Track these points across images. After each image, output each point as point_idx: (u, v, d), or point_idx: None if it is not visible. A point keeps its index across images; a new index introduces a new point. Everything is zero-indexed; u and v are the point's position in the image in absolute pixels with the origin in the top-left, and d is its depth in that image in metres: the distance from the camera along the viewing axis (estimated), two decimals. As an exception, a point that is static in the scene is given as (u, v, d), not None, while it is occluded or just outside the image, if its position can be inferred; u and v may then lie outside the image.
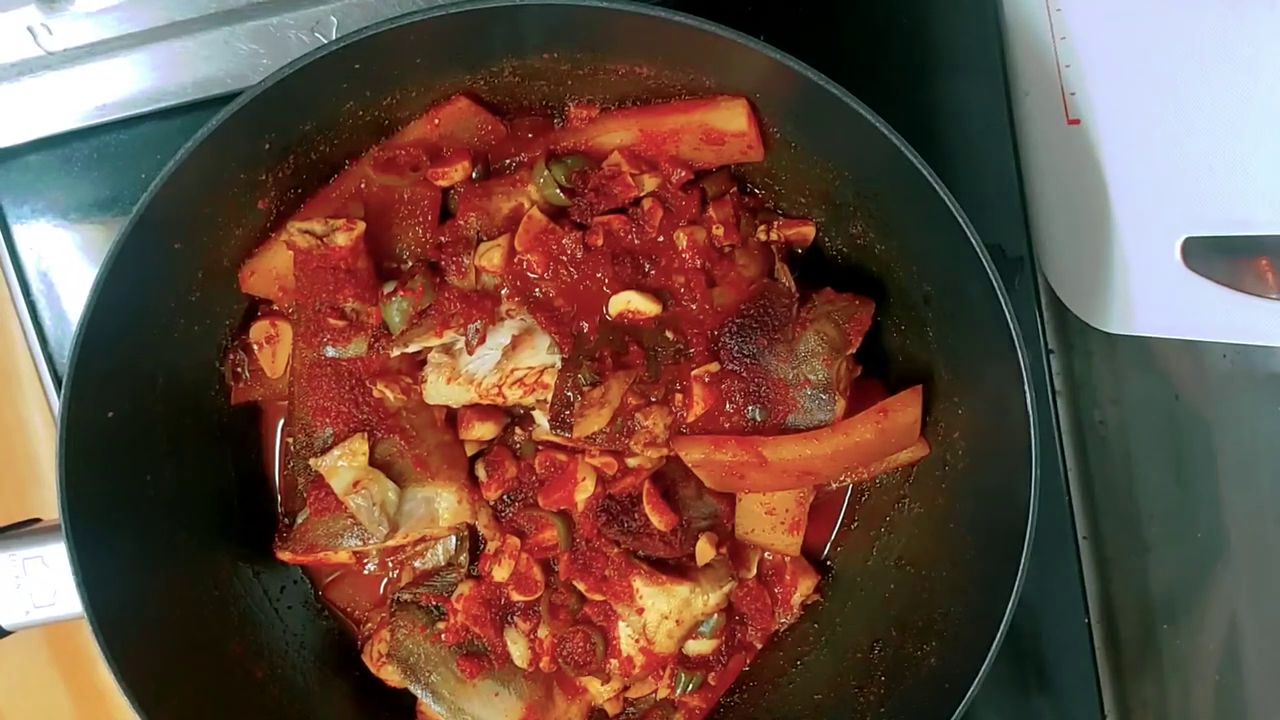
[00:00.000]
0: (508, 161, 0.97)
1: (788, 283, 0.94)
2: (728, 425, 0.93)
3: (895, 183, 0.84)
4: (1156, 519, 1.19)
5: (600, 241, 0.92)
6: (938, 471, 0.98)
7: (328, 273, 0.91)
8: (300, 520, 0.96)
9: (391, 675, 1.00)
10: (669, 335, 0.92)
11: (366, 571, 1.04)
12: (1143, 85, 0.96)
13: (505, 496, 0.97)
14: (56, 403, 0.96)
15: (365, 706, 1.03)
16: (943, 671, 0.92)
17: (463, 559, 0.99)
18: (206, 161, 0.82)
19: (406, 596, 0.98)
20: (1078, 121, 1.03)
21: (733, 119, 0.90)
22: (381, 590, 1.04)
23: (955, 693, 0.87)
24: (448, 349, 0.94)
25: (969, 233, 0.82)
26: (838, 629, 1.04)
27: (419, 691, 0.96)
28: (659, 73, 0.90)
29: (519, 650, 0.96)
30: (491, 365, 0.92)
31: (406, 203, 0.94)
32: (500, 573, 0.95)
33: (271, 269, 0.95)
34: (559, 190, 0.93)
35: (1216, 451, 1.11)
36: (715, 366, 0.92)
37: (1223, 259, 0.94)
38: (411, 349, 0.93)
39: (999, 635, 0.85)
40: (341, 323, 0.92)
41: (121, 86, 1.06)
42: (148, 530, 0.92)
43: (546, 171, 0.93)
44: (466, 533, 0.99)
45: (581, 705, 1.00)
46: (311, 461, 0.92)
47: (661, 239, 0.93)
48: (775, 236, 0.98)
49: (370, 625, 1.04)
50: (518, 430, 0.98)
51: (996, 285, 0.82)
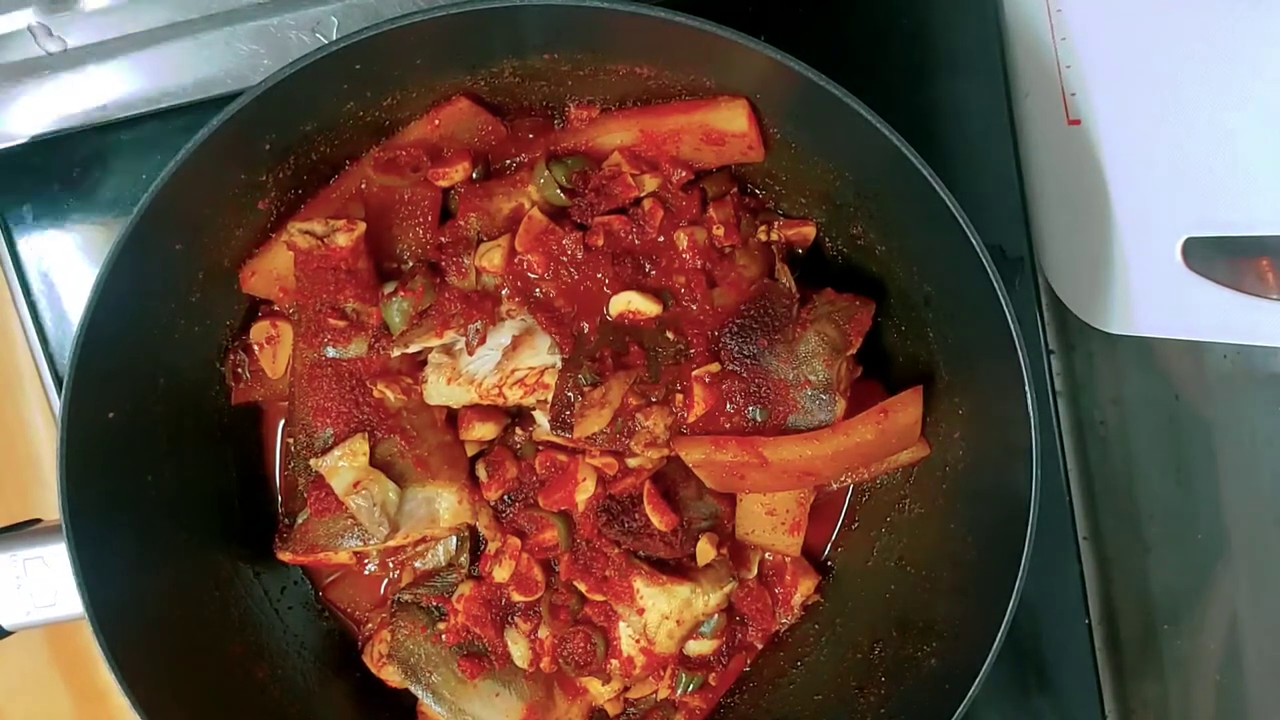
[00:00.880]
0: (508, 162, 0.97)
1: (788, 283, 0.94)
2: (728, 426, 0.93)
3: (895, 183, 0.84)
4: (1157, 519, 1.19)
5: (601, 242, 0.92)
6: (938, 472, 0.98)
7: (328, 273, 0.91)
8: (301, 521, 0.96)
9: (392, 676, 1.00)
10: (669, 336, 0.92)
11: (367, 572, 1.04)
12: (1143, 85, 0.96)
13: (506, 497, 0.97)
14: (57, 403, 0.96)
15: (366, 707, 1.03)
16: (943, 672, 0.92)
17: (463, 559, 0.99)
18: (207, 162, 0.82)
19: (407, 597, 0.98)
20: (1078, 122, 1.02)
21: (733, 119, 0.90)
22: (382, 591, 1.05)
23: (956, 693, 0.87)
24: (448, 349, 0.94)
25: (969, 233, 0.82)
26: (838, 629, 1.04)
27: (419, 692, 0.96)
28: (659, 73, 0.90)
29: (519, 651, 0.96)
30: (492, 366, 0.92)
31: (407, 203, 0.94)
32: (501, 573, 0.95)
33: (272, 269, 0.95)
34: (559, 191, 0.93)
35: (1217, 452, 1.11)
36: (716, 367, 0.92)
37: (1223, 259, 0.94)
38: (412, 349, 0.93)
39: (999, 636, 0.85)
40: (342, 323, 0.92)
41: (122, 87, 1.06)
42: (148, 530, 0.92)
43: (547, 172, 0.93)
44: (467, 533, 0.99)
45: (582, 706, 1.00)
46: (312, 462, 0.92)
47: (662, 239, 0.93)
48: (776, 237, 0.98)
49: (371, 626, 1.04)
50: (518, 430, 0.98)
51: (997, 286, 0.82)
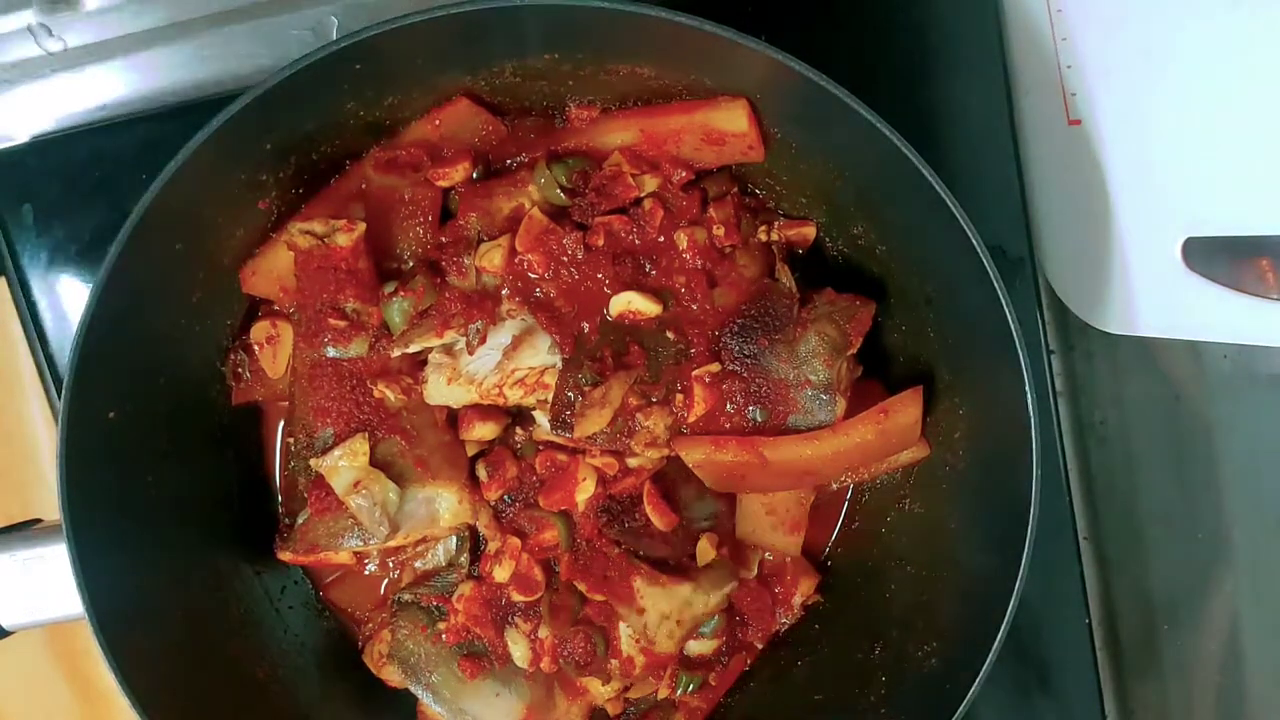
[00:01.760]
0: (508, 162, 0.97)
1: (788, 283, 0.95)
2: (728, 426, 0.93)
3: (896, 183, 0.84)
4: (1157, 519, 1.19)
5: (601, 242, 0.92)
6: (938, 472, 0.98)
7: (328, 273, 0.91)
8: (301, 520, 0.96)
9: (392, 675, 1.00)
10: (670, 335, 0.92)
11: (367, 572, 1.04)
12: (1143, 85, 0.96)
13: (506, 497, 0.97)
14: (57, 403, 0.96)
15: (366, 707, 1.03)
16: (943, 672, 0.92)
17: (463, 559, 0.99)
18: (207, 162, 0.82)
19: (407, 597, 0.98)
20: (1078, 122, 1.03)
21: (733, 119, 0.90)
22: (382, 591, 1.04)
23: (956, 693, 0.87)
24: (448, 349, 0.94)
25: (970, 233, 0.82)
26: (838, 629, 1.04)
27: (420, 692, 0.96)
28: (660, 73, 0.90)
29: (520, 651, 0.96)
30: (492, 365, 0.92)
31: (407, 203, 0.94)
32: (501, 573, 0.95)
33: (272, 269, 0.95)
34: (560, 190, 0.93)
35: (1217, 452, 1.11)
36: (716, 367, 0.92)
37: (1223, 259, 0.94)
38: (412, 349, 0.93)
39: (1000, 636, 0.85)
40: (342, 323, 0.92)
41: (122, 87, 1.06)
42: (148, 530, 0.92)
43: (547, 172, 0.93)
44: (467, 533, 0.99)
45: (582, 706, 1.00)
46: (312, 461, 0.92)
47: (662, 239, 0.93)
48: (776, 237, 0.98)
49: (371, 626, 1.04)
50: (518, 430, 0.97)
51: (997, 286, 0.82)
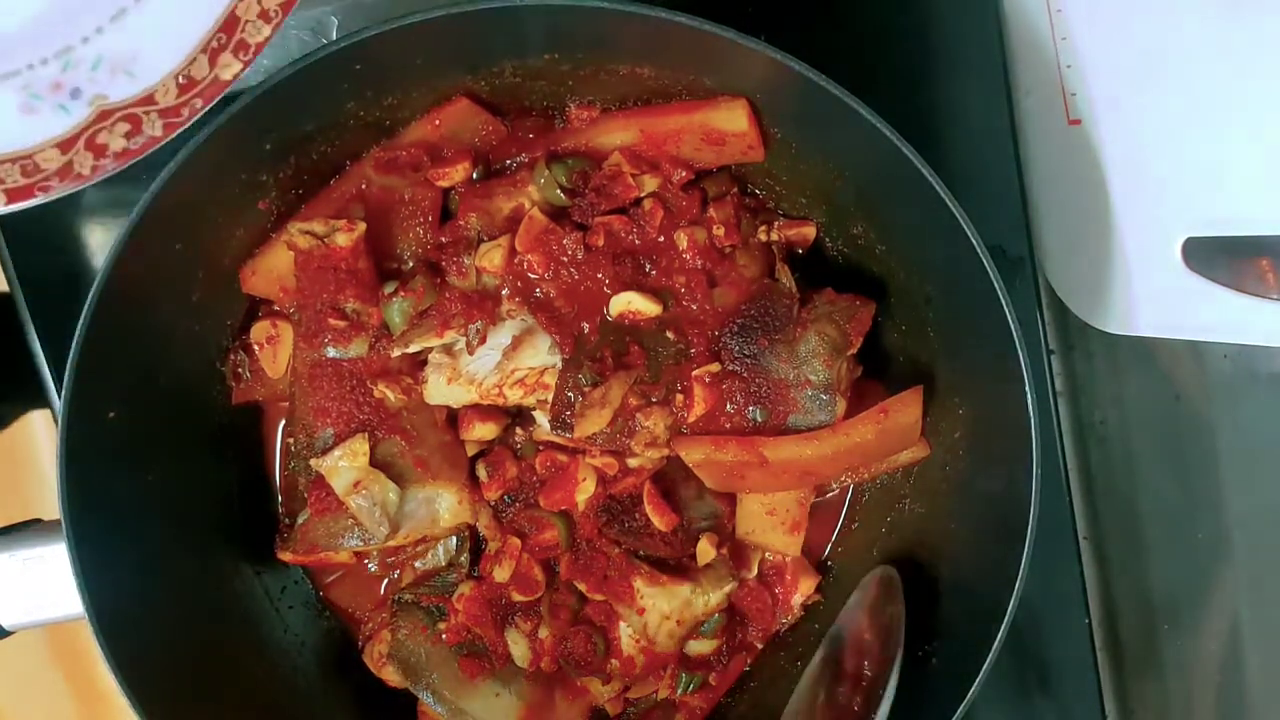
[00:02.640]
0: (508, 162, 0.97)
1: (788, 283, 0.95)
2: (728, 426, 0.93)
3: (896, 183, 0.84)
4: (1157, 519, 1.19)
5: (601, 242, 0.92)
6: (938, 472, 0.98)
7: (328, 273, 0.91)
8: (301, 520, 0.96)
9: (392, 675, 1.00)
10: (670, 336, 0.92)
11: (367, 572, 1.04)
12: (1143, 85, 0.96)
13: (506, 497, 0.97)
14: (57, 403, 0.96)
15: (366, 707, 1.03)
16: (943, 672, 0.92)
17: (463, 559, 0.99)
18: (207, 162, 0.82)
19: (407, 597, 0.98)
20: (1078, 122, 1.03)
21: (733, 119, 0.90)
22: (382, 590, 1.04)
23: (956, 693, 0.87)
24: (448, 349, 0.94)
25: (970, 233, 0.82)
26: (838, 629, 1.04)
27: (419, 692, 0.96)
28: (660, 73, 0.90)
29: (520, 650, 0.96)
30: (492, 365, 0.92)
31: (407, 203, 0.94)
32: (501, 573, 0.95)
33: (272, 269, 0.95)
34: (560, 191, 0.93)
35: (1217, 452, 1.11)
36: (716, 367, 0.92)
37: (1223, 259, 0.94)
38: (412, 349, 0.93)
39: (1000, 636, 0.85)
40: (342, 323, 0.92)
41: (122, 87, 1.06)
42: (148, 530, 0.92)
43: (547, 172, 0.93)
44: (467, 533, 0.99)
45: (582, 705, 1.00)
46: (312, 462, 0.92)
47: (662, 239, 0.93)
48: (776, 237, 0.98)
49: (371, 625, 1.04)
50: (518, 430, 0.98)
51: (997, 286, 0.82)
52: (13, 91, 0.75)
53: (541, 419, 0.94)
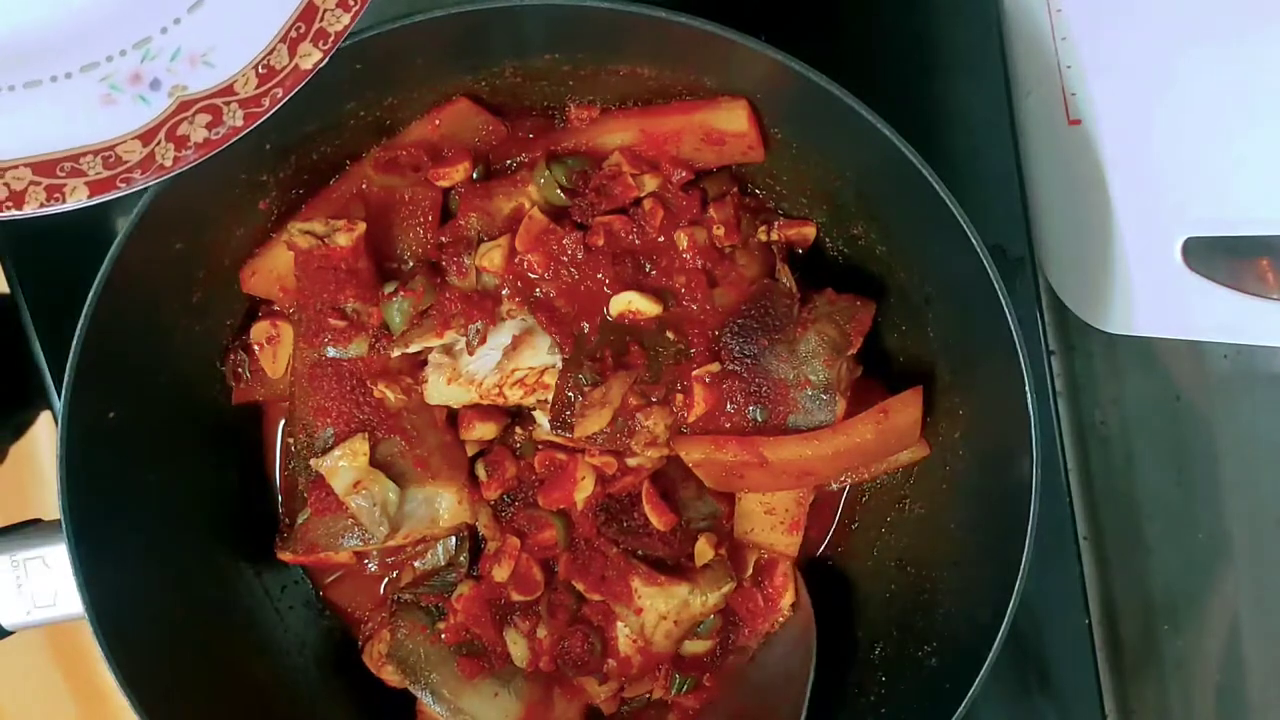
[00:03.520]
0: (508, 162, 0.97)
1: (788, 283, 0.95)
2: (728, 425, 0.93)
3: (896, 183, 0.84)
4: (1157, 519, 1.19)
5: (601, 242, 0.92)
6: (938, 472, 0.98)
7: (329, 273, 0.91)
8: (301, 520, 0.96)
9: (391, 675, 1.00)
10: (670, 335, 0.92)
11: (367, 572, 1.04)
12: (1143, 85, 0.96)
13: (505, 496, 0.97)
14: (57, 403, 0.96)
15: (365, 706, 1.03)
16: (943, 672, 0.92)
17: (463, 559, 0.99)
18: (208, 162, 0.82)
19: (407, 596, 0.98)
20: (1078, 122, 1.03)
21: (733, 119, 0.90)
22: (382, 590, 1.04)
23: (956, 693, 0.87)
24: (448, 349, 0.94)
25: (970, 233, 0.82)
26: (838, 629, 1.04)
27: (419, 691, 0.96)
28: (660, 73, 0.90)
29: (519, 650, 0.96)
30: (492, 365, 0.92)
31: (407, 203, 0.94)
32: (500, 573, 0.95)
33: (272, 269, 0.95)
34: (560, 190, 0.93)
35: (1217, 452, 1.11)
36: (716, 367, 0.92)
37: (1223, 259, 0.94)
38: (412, 349, 0.93)
39: (1000, 636, 0.85)
40: (342, 323, 0.92)
41: (122, 87, 1.06)
42: (148, 530, 0.92)
43: (547, 172, 0.93)
44: (466, 533, 0.99)
45: (580, 704, 1.00)
46: (312, 462, 0.92)
47: (662, 239, 0.93)
48: (776, 237, 0.98)
49: (371, 625, 1.04)
50: (518, 430, 0.98)
51: (997, 286, 0.82)
52: (92, 83, 0.74)
53: (541, 419, 0.94)
